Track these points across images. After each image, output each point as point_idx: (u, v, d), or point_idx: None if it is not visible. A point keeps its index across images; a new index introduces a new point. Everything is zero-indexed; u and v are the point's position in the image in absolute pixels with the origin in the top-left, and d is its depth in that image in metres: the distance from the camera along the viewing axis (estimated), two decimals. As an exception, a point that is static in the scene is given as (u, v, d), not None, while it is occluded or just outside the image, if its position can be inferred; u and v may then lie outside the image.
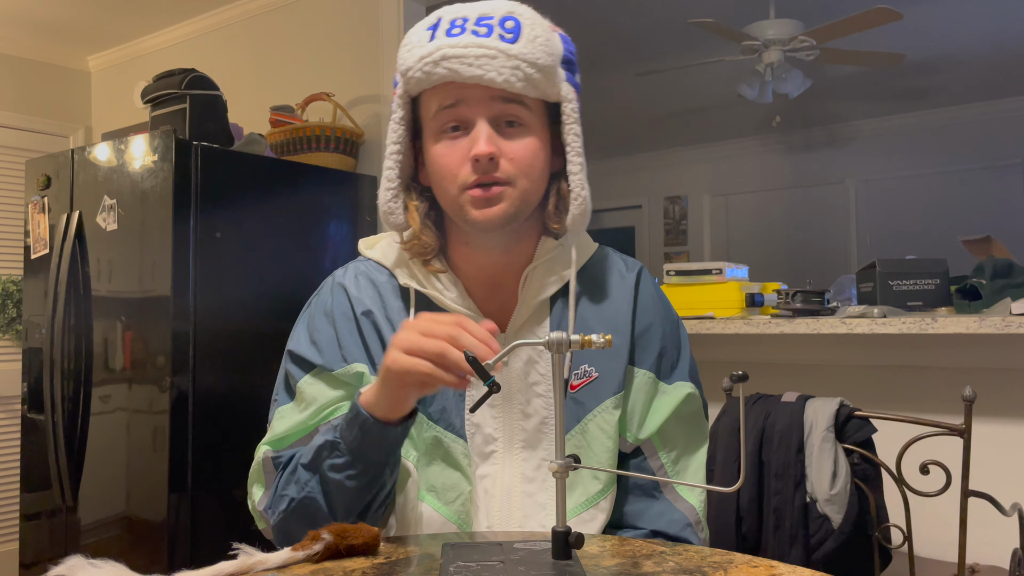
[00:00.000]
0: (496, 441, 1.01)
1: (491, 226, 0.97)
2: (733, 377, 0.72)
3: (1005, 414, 1.96)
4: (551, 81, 0.96)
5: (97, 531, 2.37)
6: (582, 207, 0.99)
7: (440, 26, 0.95)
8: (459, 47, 0.92)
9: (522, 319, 1.03)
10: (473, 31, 0.93)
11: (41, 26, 3.60)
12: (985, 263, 2.05)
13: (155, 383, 2.20)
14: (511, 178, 0.96)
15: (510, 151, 0.96)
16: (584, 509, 1.00)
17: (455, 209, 0.98)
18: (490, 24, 0.94)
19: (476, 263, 1.04)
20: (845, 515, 1.41)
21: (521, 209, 0.98)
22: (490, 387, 0.81)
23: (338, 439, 0.91)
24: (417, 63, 0.94)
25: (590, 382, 1.01)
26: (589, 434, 1.00)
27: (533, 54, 0.94)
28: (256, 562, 0.77)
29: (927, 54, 4.80)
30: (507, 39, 0.93)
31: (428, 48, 0.93)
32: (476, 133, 0.95)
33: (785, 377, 2.22)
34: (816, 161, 6.58)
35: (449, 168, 0.96)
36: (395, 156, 1.00)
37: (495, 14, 0.95)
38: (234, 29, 3.40)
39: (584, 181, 0.99)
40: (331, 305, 1.05)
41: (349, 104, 2.91)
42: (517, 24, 0.94)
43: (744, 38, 4.06)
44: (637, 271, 1.10)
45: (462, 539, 0.90)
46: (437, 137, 0.98)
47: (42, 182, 2.60)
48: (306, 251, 2.53)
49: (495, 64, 0.92)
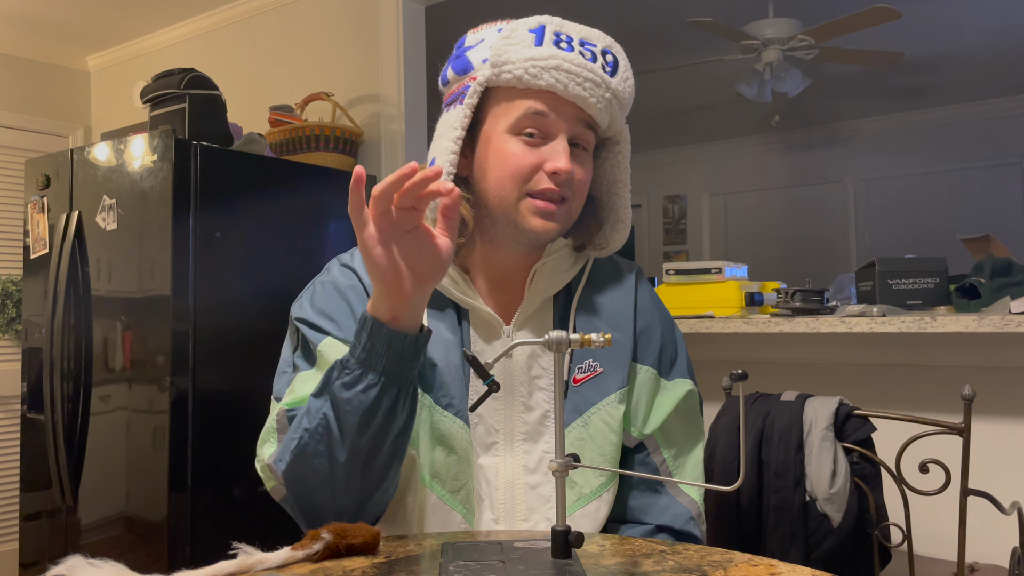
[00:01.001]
0: (498, 432, 1.02)
1: (544, 238, 1.01)
2: (732, 376, 0.72)
3: (1004, 413, 1.96)
4: (622, 119, 1.04)
5: (97, 531, 2.37)
6: (625, 233, 1.08)
7: (545, 35, 0.97)
8: (574, 64, 0.96)
9: (527, 314, 1.05)
10: (580, 52, 0.97)
11: (40, 26, 3.60)
12: (984, 262, 2.05)
13: (155, 383, 2.20)
14: (570, 197, 1.01)
15: (577, 171, 1.00)
16: (588, 502, 1.02)
17: (510, 209, 1.00)
18: (594, 51, 0.98)
19: (491, 261, 1.06)
20: (845, 514, 1.41)
21: (567, 227, 1.04)
22: (489, 386, 0.81)
23: (347, 357, 0.88)
24: (523, 62, 0.96)
25: (594, 376, 1.03)
26: (592, 427, 1.02)
27: (623, 92, 1.01)
28: (256, 561, 0.78)
29: (926, 53, 4.80)
30: (608, 71, 0.99)
31: (541, 52, 0.96)
32: (557, 147, 0.98)
33: (784, 376, 2.22)
34: (815, 160, 6.59)
35: (521, 170, 0.98)
36: (459, 142, 0.99)
37: (597, 43, 0.99)
38: (233, 29, 3.40)
39: (630, 211, 1.08)
40: (343, 284, 1.04)
41: (348, 104, 2.91)
42: (615, 60, 1.00)
43: (743, 37, 4.07)
44: (635, 271, 1.15)
45: (462, 538, 0.90)
46: (512, 137, 0.99)
47: (41, 182, 2.60)
48: (306, 250, 2.53)
49: (597, 92, 0.98)
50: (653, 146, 7.16)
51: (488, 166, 1.01)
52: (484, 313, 1.04)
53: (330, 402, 0.88)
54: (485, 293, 1.06)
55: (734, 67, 4.59)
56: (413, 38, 2.88)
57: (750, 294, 2.37)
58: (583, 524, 1.00)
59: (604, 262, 1.13)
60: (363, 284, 1.04)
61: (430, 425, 1.00)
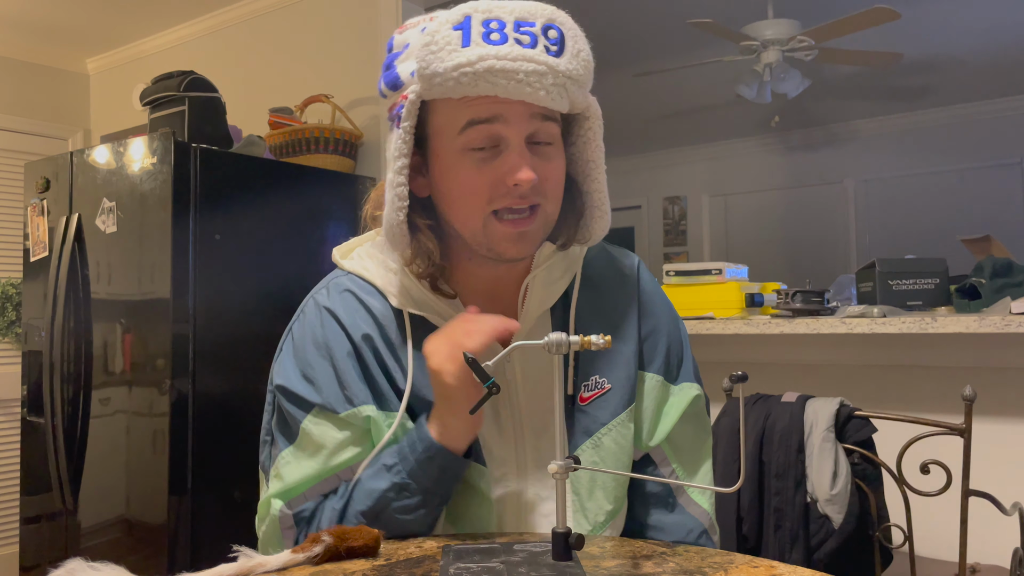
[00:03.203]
0: (507, 463, 0.96)
1: (522, 258, 0.93)
2: (733, 377, 0.72)
3: (1005, 413, 1.96)
4: (585, 95, 0.90)
5: (97, 534, 2.36)
6: (605, 220, 0.95)
7: (472, 28, 0.83)
8: (507, 59, 0.82)
9: (525, 330, 0.97)
10: (516, 39, 0.83)
11: (40, 29, 3.60)
12: (985, 262, 2.05)
13: (155, 385, 2.20)
14: (542, 201, 0.90)
15: (544, 172, 0.88)
16: (600, 531, 0.96)
17: (478, 234, 0.90)
18: (532, 32, 0.84)
19: (478, 277, 0.97)
20: (846, 515, 1.41)
21: (547, 232, 0.94)
22: (490, 388, 0.81)
23: (407, 480, 0.87)
24: (451, 71, 0.82)
25: (602, 394, 0.96)
26: (604, 449, 0.95)
27: (577, 71, 0.86)
28: (256, 564, 0.77)
29: (925, 53, 4.80)
30: (552, 52, 0.84)
31: (467, 56, 0.82)
32: (513, 156, 0.86)
33: (785, 377, 2.22)
34: (815, 161, 6.59)
35: (477, 191, 0.87)
36: (405, 171, 0.88)
37: (536, 20, 0.85)
38: (232, 31, 3.40)
39: (607, 195, 0.95)
40: (323, 337, 0.95)
41: (348, 106, 2.91)
42: (560, 35, 0.85)
43: (742, 38, 4.07)
44: (636, 268, 1.06)
45: (462, 541, 0.90)
46: (460, 156, 0.88)
47: (41, 185, 2.60)
48: (305, 253, 2.53)
49: (544, 82, 0.84)
50: (653, 147, 7.16)
51: (444, 188, 0.91)
52: None
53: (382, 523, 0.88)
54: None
55: (734, 68, 4.60)
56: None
57: (750, 295, 2.37)
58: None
59: (600, 259, 1.04)
60: (344, 329, 0.94)
61: None
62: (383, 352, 0.94)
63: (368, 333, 0.94)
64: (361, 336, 0.94)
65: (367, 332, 0.94)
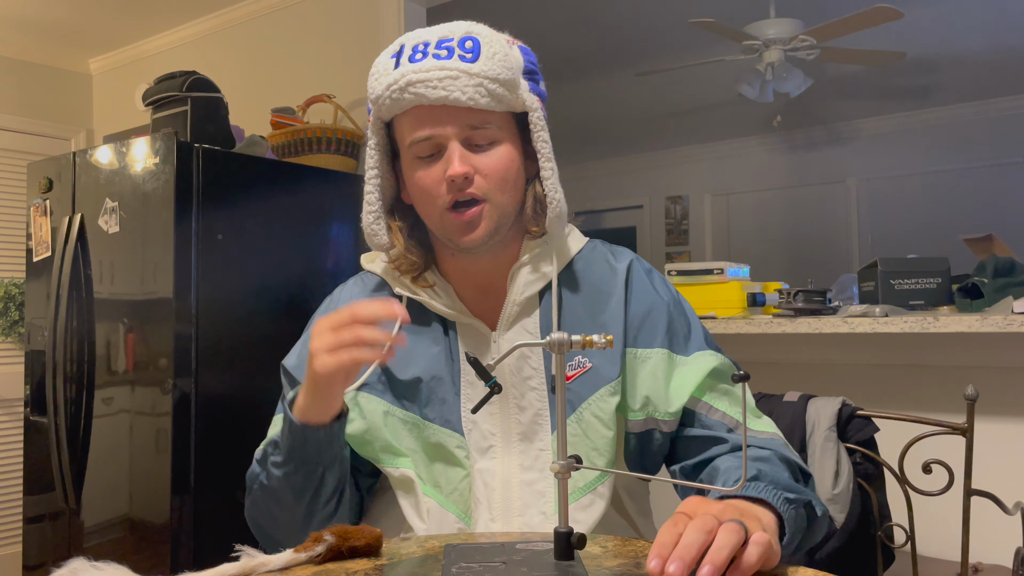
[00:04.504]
0: (494, 436, 1.04)
1: (476, 246, 1.02)
2: (735, 377, 0.72)
3: (1007, 413, 1.96)
4: (514, 93, 1.01)
5: (100, 533, 2.37)
6: (557, 209, 1.04)
7: (404, 53, 0.99)
8: (422, 71, 0.97)
9: (510, 315, 1.06)
10: (435, 55, 0.98)
11: (42, 29, 3.61)
12: (987, 261, 2.05)
13: (157, 385, 2.20)
14: (486, 194, 1.00)
15: (483, 167, 1.00)
16: (582, 495, 1.01)
17: (440, 231, 1.04)
18: (450, 46, 0.98)
19: (466, 270, 1.08)
20: (848, 515, 1.41)
21: (502, 222, 1.03)
22: (491, 388, 0.81)
23: (278, 438, 0.99)
24: (385, 91, 1.00)
25: (584, 372, 1.04)
26: (584, 422, 1.02)
27: (493, 70, 0.98)
28: (258, 564, 0.78)
29: (928, 52, 4.79)
30: (467, 59, 0.98)
31: (394, 76, 0.99)
32: (449, 154, 0.99)
33: (787, 377, 2.22)
34: (817, 160, 6.58)
35: (428, 192, 1.01)
36: (374, 181, 1.05)
37: (454, 35, 0.99)
38: (235, 31, 3.40)
39: (557, 184, 1.04)
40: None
41: (350, 105, 2.92)
42: (476, 43, 0.99)
43: (744, 37, 4.06)
44: (628, 261, 1.12)
45: (464, 540, 0.90)
46: (414, 163, 1.02)
47: (44, 185, 2.61)
48: (307, 252, 2.54)
49: (458, 84, 0.97)
50: (655, 147, 7.15)
51: (411, 193, 1.06)
52: (468, 323, 1.06)
53: (265, 473, 1.01)
54: (470, 301, 1.08)
55: (736, 67, 4.59)
56: (414, 40, 2.88)
57: (752, 295, 2.36)
58: (578, 517, 1.00)
59: (592, 254, 1.12)
60: None
61: (423, 442, 1.04)
62: None
63: None
64: None
65: None
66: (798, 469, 0.99)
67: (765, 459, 0.95)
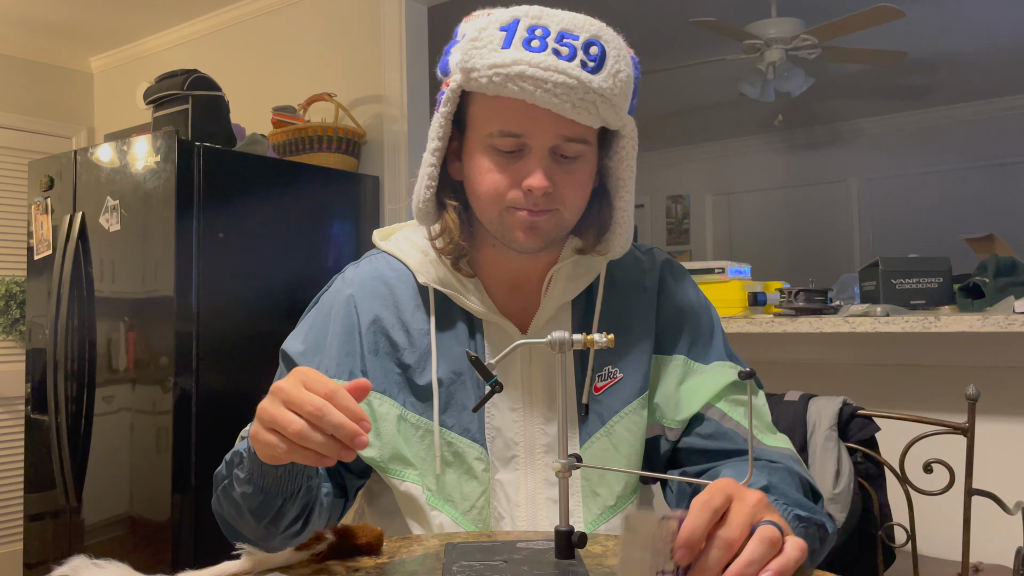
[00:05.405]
0: (517, 446, 0.98)
1: (532, 249, 0.95)
2: (741, 374, 0.73)
3: (1008, 412, 1.96)
4: (619, 115, 0.92)
5: (101, 531, 2.37)
6: (625, 238, 0.99)
7: (517, 31, 0.87)
8: (539, 68, 0.85)
9: (544, 320, 1.00)
10: (554, 49, 0.86)
11: (43, 27, 3.60)
12: (988, 261, 2.05)
13: (158, 383, 2.20)
14: (559, 205, 0.93)
15: (563, 182, 0.92)
16: (613, 515, 0.97)
17: (493, 222, 0.95)
18: (573, 45, 0.87)
19: (502, 265, 1.01)
20: (849, 514, 1.41)
21: (561, 233, 0.97)
22: (492, 387, 0.81)
23: (243, 453, 0.86)
24: (487, 69, 0.87)
25: (614, 383, 0.99)
26: (616, 436, 0.98)
27: (612, 90, 0.88)
28: (259, 562, 0.78)
29: (929, 52, 4.79)
30: (589, 68, 0.87)
31: (503, 57, 0.86)
32: (533, 163, 0.90)
33: (788, 376, 2.22)
34: (818, 159, 6.58)
35: (496, 188, 0.92)
36: (438, 153, 0.94)
37: (580, 34, 0.88)
38: (236, 30, 3.40)
39: (632, 214, 0.98)
40: (329, 306, 1.03)
41: (351, 104, 2.92)
42: (601, 51, 0.88)
43: (746, 37, 4.06)
44: (660, 264, 1.07)
45: (465, 539, 0.90)
46: (487, 152, 0.93)
47: (45, 183, 2.61)
48: (308, 251, 2.54)
49: (572, 96, 0.86)
50: (656, 146, 7.15)
51: (471, 175, 0.95)
52: (497, 322, 1.00)
53: (229, 480, 0.91)
54: (500, 300, 1.01)
55: (737, 67, 4.59)
56: (416, 38, 2.88)
57: (753, 294, 2.36)
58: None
59: (627, 258, 1.05)
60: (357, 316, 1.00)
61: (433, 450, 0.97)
62: (392, 330, 0.99)
63: (378, 315, 1.00)
64: (371, 320, 1.00)
65: (378, 314, 1.00)
66: (809, 488, 0.93)
67: (776, 471, 0.90)
